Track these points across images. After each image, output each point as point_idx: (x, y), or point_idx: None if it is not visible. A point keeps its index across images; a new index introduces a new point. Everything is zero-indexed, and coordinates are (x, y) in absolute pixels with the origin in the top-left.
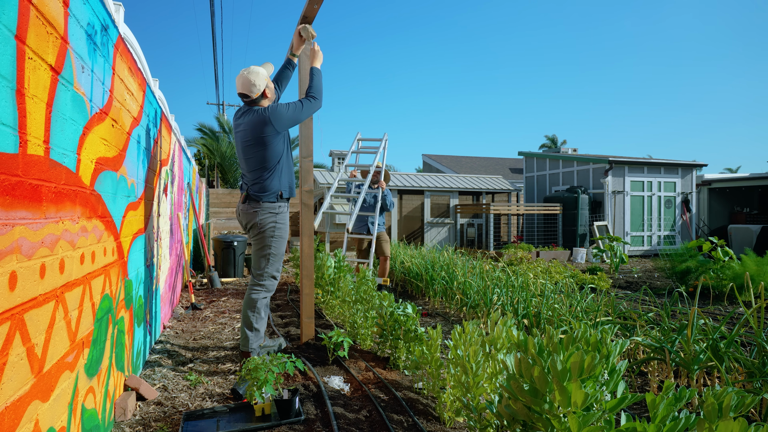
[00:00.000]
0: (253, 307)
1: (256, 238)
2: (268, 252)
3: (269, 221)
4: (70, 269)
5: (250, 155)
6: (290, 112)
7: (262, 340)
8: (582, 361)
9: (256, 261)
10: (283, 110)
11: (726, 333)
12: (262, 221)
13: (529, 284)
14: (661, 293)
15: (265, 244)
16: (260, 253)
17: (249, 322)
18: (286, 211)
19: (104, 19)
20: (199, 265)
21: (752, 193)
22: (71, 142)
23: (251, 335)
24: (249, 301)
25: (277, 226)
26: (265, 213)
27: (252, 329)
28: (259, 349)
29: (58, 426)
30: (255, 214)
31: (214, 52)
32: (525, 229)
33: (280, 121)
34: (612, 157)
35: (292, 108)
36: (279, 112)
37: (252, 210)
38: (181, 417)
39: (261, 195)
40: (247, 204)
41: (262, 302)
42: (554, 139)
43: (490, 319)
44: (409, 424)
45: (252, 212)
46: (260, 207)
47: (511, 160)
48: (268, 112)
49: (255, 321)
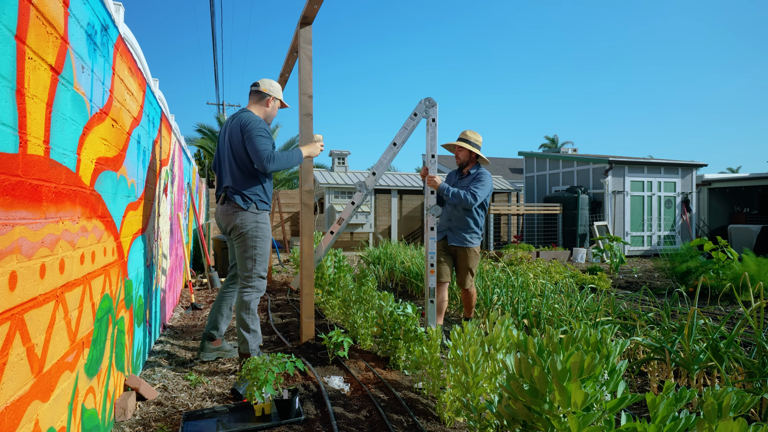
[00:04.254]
0: (246, 309)
1: (239, 240)
2: (253, 253)
3: (250, 222)
4: (70, 269)
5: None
6: (255, 140)
7: (260, 340)
8: (582, 361)
9: (242, 263)
10: (254, 130)
11: (726, 333)
12: (243, 222)
13: (529, 284)
14: (661, 293)
15: (249, 245)
16: (245, 254)
17: (245, 324)
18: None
19: (104, 19)
20: (199, 265)
21: (752, 193)
22: (71, 142)
23: (249, 337)
24: (241, 303)
25: (259, 226)
26: (246, 214)
27: (249, 330)
28: (259, 349)
29: (58, 426)
30: (235, 215)
31: (214, 52)
32: (525, 229)
33: (247, 134)
34: (612, 157)
35: (259, 140)
36: (251, 127)
37: (232, 211)
38: (181, 417)
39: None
40: (225, 205)
41: (254, 303)
42: (554, 139)
43: (489, 319)
44: (409, 424)
45: (232, 214)
46: (240, 208)
47: (511, 160)
48: (247, 119)
49: (251, 322)
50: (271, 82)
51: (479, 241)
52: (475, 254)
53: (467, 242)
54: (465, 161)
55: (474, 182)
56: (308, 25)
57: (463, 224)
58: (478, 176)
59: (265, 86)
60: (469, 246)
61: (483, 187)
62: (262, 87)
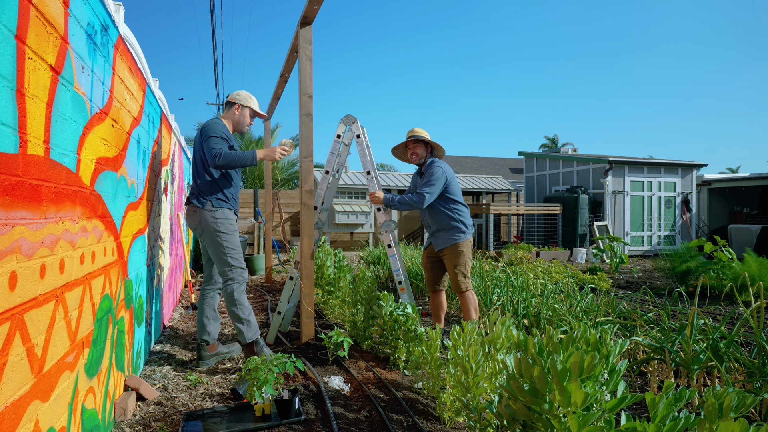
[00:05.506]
0: (233, 302)
1: (205, 239)
2: (222, 247)
3: (208, 219)
4: (70, 269)
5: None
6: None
7: (257, 328)
8: (582, 361)
9: (216, 260)
10: (209, 131)
11: (726, 333)
12: (201, 220)
13: (529, 284)
14: (661, 293)
15: (215, 241)
16: (215, 251)
17: (237, 316)
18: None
19: (104, 19)
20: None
21: (752, 193)
22: (71, 142)
23: (244, 328)
24: (228, 297)
25: (218, 221)
26: (202, 212)
27: (242, 322)
28: (259, 336)
29: (58, 426)
30: (195, 215)
31: (214, 52)
32: (525, 229)
33: (204, 135)
34: (612, 157)
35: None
36: (208, 129)
37: (192, 212)
38: (181, 417)
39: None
40: (186, 207)
41: (239, 293)
42: (554, 139)
43: (490, 319)
44: (409, 424)
45: (192, 214)
46: (196, 207)
47: (511, 160)
48: (207, 124)
49: (241, 312)
50: (239, 93)
51: (464, 235)
52: (461, 251)
53: (450, 240)
54: (423, 157)
55: (423, 179)
56: (308, 25)
57: (439, 225)
58: (428, 172)
59: (232, 96)
60: (452, 243)
61: (432, 183)
62: (230, 97)
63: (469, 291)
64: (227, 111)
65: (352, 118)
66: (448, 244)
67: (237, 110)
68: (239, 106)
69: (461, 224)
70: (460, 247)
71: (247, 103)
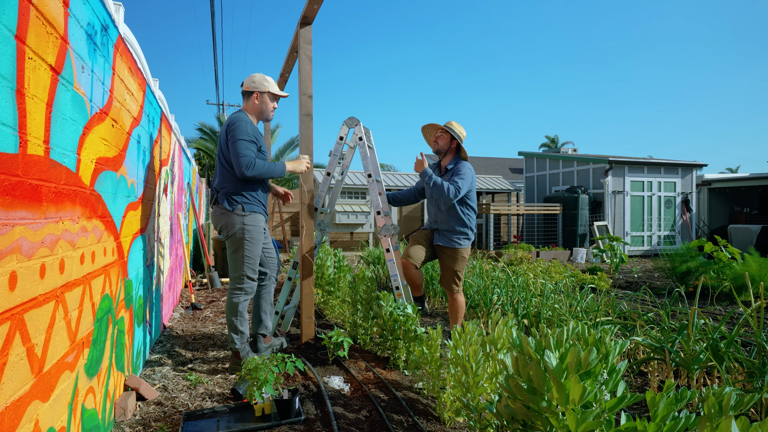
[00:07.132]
0: (235, 312)
1: (228, 241)
2: (241, 255)
3: (237, 224)
4: (70, 269)
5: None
6: (236, 144)
7: (248, 339)
8: (578, 357)
9: (232, 264)
10: (237, 133)
11: (726, 333)
12: (229, 224)
13: (529, 284)
14: (661, 293)
15: (237, 247)
16: (234, 256)
17: (234, 326)
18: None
19: (104, 19)
20: (199, 265)
21: (752, 193)
22: (71, 142)
23: (237, 337)
24: (231, 305)
25: (246, 228)
26: (232, 216)
27: (237, 332)
28: (248, 346)
29: (58, 426)
30: (223, 216)
31: (214, 52)
32: (525, 229)
33: (231, 136)
34: (612, 157)
35: (240, 144)
36: (235, 129)
37: (220, 213)
38: (181, 417)
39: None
40: (215, 207)
41: (243, 305)
42: (554, 139)
43: (491, 319)
44: (409, 424)
45: (220, 215)
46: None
47: (511, 160)
48: (233, 120)
49: (239, 324)
50: (253, 78)
51: (468, 242)
52: (462, 257)
53: (454, 243)
54: (443, 149)
55: (455, 175)
56: (308, 25)
57: (449, 226)
58: (458, 168)
59: (247, 84)
60: (456, 246)
61: (464, 180)
62: (244, 86)
63: (459, 293)
64: (246, 102)
65: (355, 120)
66: (452, 246)
67: (256, 99)
68: (257, 93)
69: (469, 230)
70: (462, 253)
71: (265, 88)
